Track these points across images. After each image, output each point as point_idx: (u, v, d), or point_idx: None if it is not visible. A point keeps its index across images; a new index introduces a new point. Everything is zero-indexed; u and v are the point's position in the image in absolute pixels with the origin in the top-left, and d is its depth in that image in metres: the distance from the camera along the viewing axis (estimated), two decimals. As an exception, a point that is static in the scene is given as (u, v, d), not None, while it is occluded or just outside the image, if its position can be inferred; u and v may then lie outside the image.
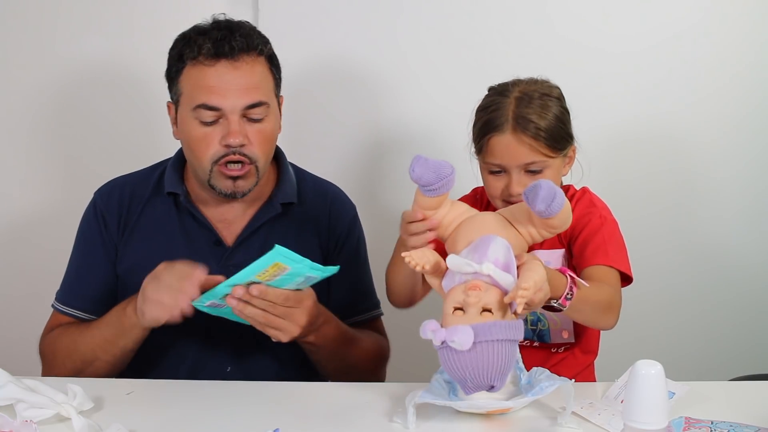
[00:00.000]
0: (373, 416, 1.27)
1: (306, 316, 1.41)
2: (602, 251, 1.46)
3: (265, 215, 1.60)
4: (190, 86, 1.51)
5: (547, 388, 1.20)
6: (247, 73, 1.49)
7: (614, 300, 1.43)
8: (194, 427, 1.26)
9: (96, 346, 1.50)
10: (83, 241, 1.65)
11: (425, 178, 1.25)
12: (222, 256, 1.58)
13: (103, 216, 1.62)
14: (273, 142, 1.58)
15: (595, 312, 1.40)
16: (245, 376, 1.55)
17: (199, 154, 1.52)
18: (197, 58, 1.49)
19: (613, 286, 1.44)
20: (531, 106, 1.46)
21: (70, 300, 1.61)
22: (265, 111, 1.52)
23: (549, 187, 1.19)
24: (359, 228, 1.72)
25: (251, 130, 1.51)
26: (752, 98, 2.20)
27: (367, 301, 1.69)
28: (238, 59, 1.48)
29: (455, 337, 1.14)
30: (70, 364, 1.52)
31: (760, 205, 2.25)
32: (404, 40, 2.19)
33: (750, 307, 2.28)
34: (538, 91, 1.49)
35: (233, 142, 1.48)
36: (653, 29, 2.18)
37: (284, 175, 1.65)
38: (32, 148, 2.28)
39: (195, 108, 1.49)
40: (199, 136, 1.50)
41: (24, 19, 2.22)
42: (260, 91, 1.51)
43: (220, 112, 1.49)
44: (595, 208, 1.54)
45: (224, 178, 1.52)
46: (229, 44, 1.48)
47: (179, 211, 1.61)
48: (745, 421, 1.21)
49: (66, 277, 1.65)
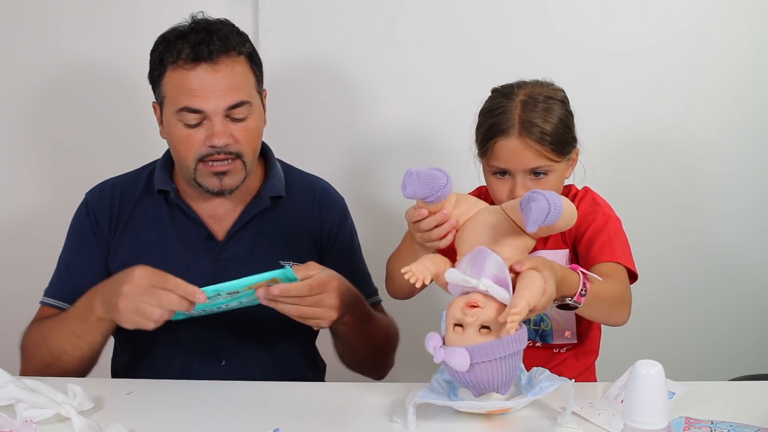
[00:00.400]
0: (373, 416, 1.27)
1: (337, 297, 1.41)
2: (609, 248, 1.47)
3: (254, 209, 1.62)
4: (172, 90, 1.52)
5: (547, 388, 1.20)
6: (227, 75, 1.50)
7: (626, 295, 1.42)
8: (194, 427, 1.26)
9: (63, 340, 1.47)
10: (74, 237, 1.65)
11: (419, 194, 1.23)
12: (214, 251, 1.59)
13: (95, 215, 1.63)
14: (258, 137, 1.59)
15: (609, 307, 1.39)
16: (240, 369, 1.55)
17: (184, 154, 1.53)
18: (177, 62, 1.50)
19: (623, 282, 1.44)
20: (536, 110, 1.45)
21: (59, 293, 1.60)
22: (247, 110, 1.53)
23: (539, 210, 1.15)
24: (350, 219, 1.73)
25: (235, 129, 1.52)
26: (752, 98, 2.20)
27: (366, 288, 1.69)
28: (218, 62, 1.49)
29: (452, 360, 1.15)
30: (39, 356, 1.50)
31: (760, 205, 2.25)
32: (403, 39, 2.19)
33: (750, 307, 2.28)
34: (543, 94, 1.48)
35: (217, 143, 1.50)
36: (654, 29, 2.18)
37: (272, 170, 1.66)
38: (25, 148, 2.28)
39: (178, 111, 1.51)
40: (184, 137, 1.52)
41: (17, 19, 2.22)
42: (242, 91, 1.52)
43: (203, 115, 1.50)
44: (599, 206, 1.54)
45: (210, 176, 1.53)
46: (208, 48, 1.49)
47: (170, 208, 1.62)
48: (745, 421, 1.21)
49: (56, 272, 1.65)
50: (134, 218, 1.63)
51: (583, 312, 1.35)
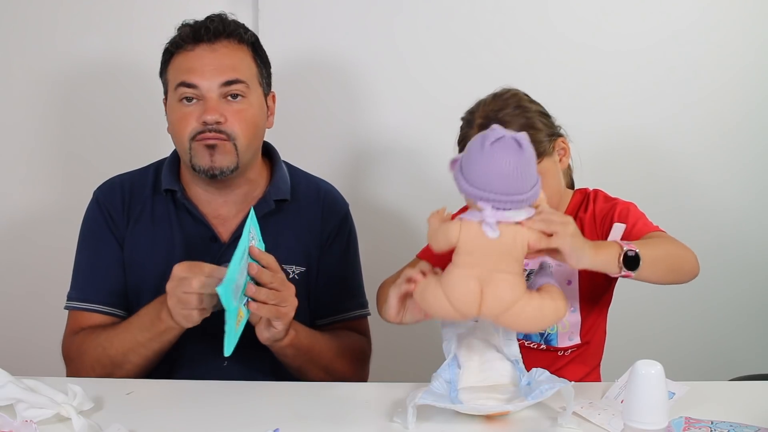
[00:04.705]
0: (373, 416, 1.27)
1: (294, 298, 1.41)
2: (642, 223, 1.48)
3: (259, 211, 1.61)
4: (174, 73, 1.56)
5: (546, 391, 1.20)
6: (224, 55, 1.54)
7: (681, 243, 1.41)
8: (194, 427, 1.26)
9: (128, 350, 1.48)
10: (91, 237, 1.64)
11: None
12: (218, 252, 1.59)
13: (107, 210, 1.63)
14: (254, 125, 1.58)
15: (675, 256, 1.37)
16: (242, 369, 1.55)
17: (179, 134, 1.55)
18: (180, 46, 1.55)
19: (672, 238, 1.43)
20: None
21: (90, 296, 1.60)
22: (243, 89, 1.55)
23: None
24: (351, 225, 1.73)
25: (229, 109, 1.53)
26: (752, 98, 2.20)
27: (354, 299, 1.69)
28: (216, 42, 1.54)
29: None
30: (99, 368, 1.50)
31: (759, 205, 2.26)
32: (403, 39, 2.19)
33: (750, 307, 2.29)
34: (495, 109, 1.49)
35: (209, 119, 1.51)
36: (652, 29, 2.18)
37: (278, 173, 1.67)
38: (32, 147, 2.28)
39: (176, 88, 1.54)
40: (180, 117, 1.55)
41: (24, 17, 2.22)
42: (237, 71, 1.54)
43: (198, 91, 1.53)
44: (613, 198, 1.57)
45: (202, 151, 1.53)
46: (206, 28, 1.54)
47: (177, 208, 1.63)
48: (745, 421, 1.21)
49: (77, 275, 1.63)
50: (143, 215, 1.63)
51: (652, 275, 1.31)
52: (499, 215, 1.16)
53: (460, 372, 1.28)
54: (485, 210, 1.16)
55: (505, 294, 1.16)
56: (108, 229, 1.62)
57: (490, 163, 1.15)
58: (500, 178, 1.15)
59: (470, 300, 1.17)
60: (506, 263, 1.17)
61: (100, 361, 1.50)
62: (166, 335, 1.45)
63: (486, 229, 1.15)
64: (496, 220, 1.16)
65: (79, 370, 1.54)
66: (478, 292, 1.16)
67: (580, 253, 1.21)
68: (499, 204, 1.16)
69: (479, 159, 1.16)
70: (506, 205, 1.16)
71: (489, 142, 1.15)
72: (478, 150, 1.16)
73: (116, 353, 1.49)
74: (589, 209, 1.55)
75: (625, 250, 1.26)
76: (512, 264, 1.17)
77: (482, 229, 1.16)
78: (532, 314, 1.18)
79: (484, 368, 1.29)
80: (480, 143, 1.17)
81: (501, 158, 1.15)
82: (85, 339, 1.55)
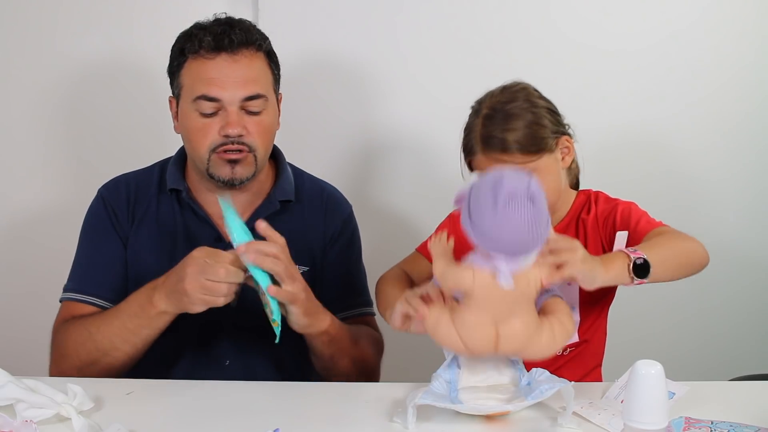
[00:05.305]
0: (373, 416, 1.27)
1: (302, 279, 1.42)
2: (645, 221, 1.49)
3: (263, 212, 1.61)
4: (190, 79, 1.54)
5: (547, 391, 1.21)
6: (245, 66, 1.53)
7: (686, 235, 1.42)
8: (194, 427, 1.26)
9: (114, 336, 1.46)
10: (93, 232, 1.64)
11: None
12: None
13: (112, 208, 1.62)
14: (271, 135, 1.60)
15: (683, 251, 1.39)
16: (244, 369, 1.55)
17: (197, 145, 1.54)
18: (198, 52, 1.52)
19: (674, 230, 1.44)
20: (494, 122, 1.46)
21: (86, 287, 1.59)
22: (263, 104, 1.55)
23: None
24: (354, 226, 1.73)
25: (250, 122, 1.53)
26: (752, 97, 2.20)
27: (359, 298, 1.69)
28: (238, 53, 1.52)
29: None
30: (84, 354, 1.48)
31: (759, 205, 2.26)
32: (404, 39, 2.19)
33: (750, 307, 2.28)
34: (502, 101, 1.49)
35: (232, 132, 1.51)
36: (653, 28, 2.18)
37: (283, 173, 1.67)
38: (33, 147, 2.28)
39: (195, 99, 1.52)
40: (198, 127, 1.53)
41: (25, 18, 2.22)
42: (259, 84, 1.54)
43: (219, 104, 1.52)
44: (613, 199, 1.57)
45: (222, 164, 1.54)
46: (229, 38, 1.52)
47: (182, 208, 1.63)
48: (745, 421, 1.21)
49: (76, 267, 1.63)
50: (148, 214, 1.63)
51: (665, 273, 1.33)
52: (512, 265, 1.16)
53: (460, 372, 1.28)
54: (498, 260, 1.16)
55: (520, 335, 1.19)
56: (111, 226, 1.62)
57: (503, 224, 1.14)
58: (514, 237, 1.15)
59: (486, 344, 1.20)
60: (520, 307, 1.19)
61: (85, 345, 1.48)
62: (156, 321, 1.44)
63: (501, 280, 1.16)
64: (510, 270, 1.16)
65: (62, 358, 1.52)
66: (494, 336, 1.19)
67: (591, 275, 1.24)
68: (512, 257, 1.16)
69: (492, 217, 1.14)
70: (519, 257, 1.17)
71: (502, 203, 1.13)
72: (490, 207, 1.14)
73: (102, 339, 1.47)
74: (592, 211, 1.56)
75: (633, 259, 1.27)
76: (526, 306, 1.20)
77: (496, 280, 1.16)
78: (546, 344, 1.21)
79: (484, 368, 1.29)
80: (492, 200, 1.14)
81: (516, 220, 1.14)
82: (72, 324, 1.53)
